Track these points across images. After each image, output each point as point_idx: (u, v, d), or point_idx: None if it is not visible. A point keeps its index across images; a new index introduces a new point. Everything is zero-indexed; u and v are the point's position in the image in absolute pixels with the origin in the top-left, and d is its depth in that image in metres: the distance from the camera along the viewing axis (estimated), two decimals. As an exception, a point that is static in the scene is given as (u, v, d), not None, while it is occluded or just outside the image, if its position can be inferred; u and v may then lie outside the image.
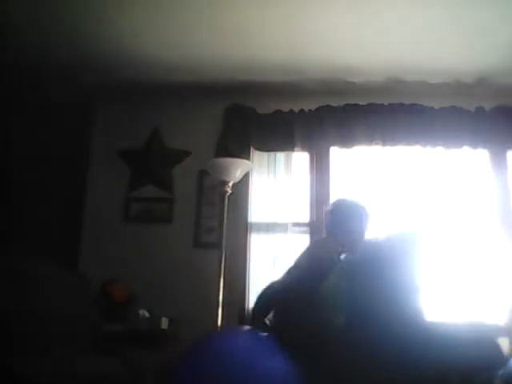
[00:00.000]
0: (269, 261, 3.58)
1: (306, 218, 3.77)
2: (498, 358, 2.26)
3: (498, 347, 2.28)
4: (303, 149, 3.83)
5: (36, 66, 3.63)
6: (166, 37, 3.30)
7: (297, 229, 3.71)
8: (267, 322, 2.51)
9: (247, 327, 2.69)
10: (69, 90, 3.95)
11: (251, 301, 3.51)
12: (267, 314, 2.53)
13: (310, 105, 3.84)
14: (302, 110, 3.83)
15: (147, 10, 3.02)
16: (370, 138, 3.73)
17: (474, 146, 3.72)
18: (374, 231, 3.37)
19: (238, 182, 3.53)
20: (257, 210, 3.70)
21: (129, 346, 2.73)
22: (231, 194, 3.47)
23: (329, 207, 2.91)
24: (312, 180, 3.84)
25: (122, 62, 3.58)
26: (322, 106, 3.84)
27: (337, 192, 3.79)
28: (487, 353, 2.23)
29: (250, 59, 3.54)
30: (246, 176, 3.62)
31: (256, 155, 3.80)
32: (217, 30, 3.21)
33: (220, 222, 3.46)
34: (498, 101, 3.77)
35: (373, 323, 2.33)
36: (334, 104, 3.83)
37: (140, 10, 3.03)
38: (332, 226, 2.78)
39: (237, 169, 3.42)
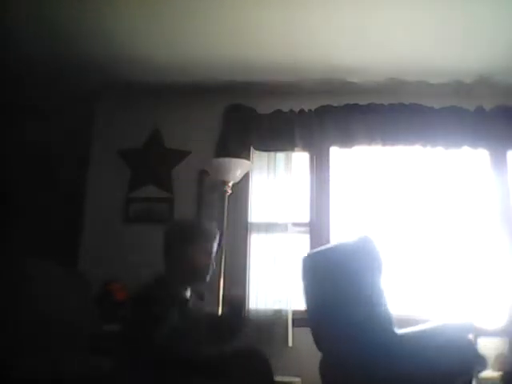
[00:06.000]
0: (269, 261, 3.57)
1: (306, 218, 3.77)
2: (474, 358, 2.25)
3: (473, 347, 2.27)
4: (303, 149, 3.83)
5: (36, 66, 3.63)
6: (165, 37, 3.30)
7: (297, 229, 3.70)
8: None
9: None
10: (69, 90, 3.95)
11: (251, 301, 3.52)
12: None
13: (310, 105, 3.84)
14: (302, 110, 3.83)
15: (147, 10, 3.02)
16: (370, 138, 3.73)
17: (474, 146, 3.72)
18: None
19: (238, 182, 3.54)
20: (257, 210, 3.70)
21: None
22: (231, 193, 3.48)
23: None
24: (312, 180, 3.83)
25: (122, 62, 3.58)
26: (322, 106, 3.84)
27: (337, 192, 3.80)
28: (463, 354, 2.21)
29: (250, 59, 3.54)
30: (246, 176, 3.62)
31: (256, 155, 3.80)
32: (217, 30, 3.21)
33: (220, 222, 3.45)
34: (498, 101, 3.77)
35: (338, 325, 2.33)
36: (334, 104, 3.83)
37: (140, 10, 3.02)
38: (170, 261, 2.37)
39: (237, 169, 3.42)
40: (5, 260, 2.42)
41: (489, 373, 3.10)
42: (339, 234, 3.70)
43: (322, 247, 3.03)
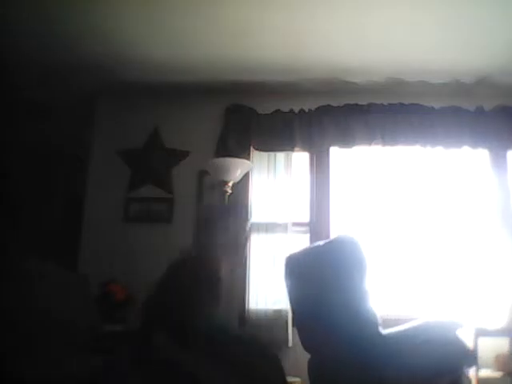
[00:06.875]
0: (269, 261, 3.57)
1: (306, 218, 3.77)
2: (461, 354, 2.24)
3: (460, 344, 2.26)
4: (303, 149, 3.83)
5: (36, 66, 3.63)
6: (165, 37, 3.30)
7: (297, 229, 3.71)
8: None
9: None
10: (69, 90, 3.95)
11: (251, 301, 3.52)
12: None
13: (310, 105, 3.84)
14: (302, 110, 3.83)
15: (147, 10, 3.02)
16: (369, 138, 3.73)
17: (474, 146, 3.72)
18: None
19: (238, 182, 3.53)
20: (257, 210, 3.70)
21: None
22: (231, 193, 3.47)
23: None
24: (312, 180, 3.84)
25: (122, 62, 3.58)
26: (322, 106, 3.84)
27: (337, 192, 3.80)
28: (450, 351, 2.20)
29: (250, 59, 3.54)
30: (246, 176, 3.62)
31: (256, 155, 3.80)
32: (217, 30, 3.21)
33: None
34: (498, 101, 3.78)
35: (323, 326, 2.32)
36: (334, 104, 3.84)
37: (140, 10, 3.02)
38: None
39: (237, 169, 3.42)
40: (5, 260, 2.41)
41: (489, 373, 3.11)
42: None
43: (305, 247, 3.02)
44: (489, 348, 3.21)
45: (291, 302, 2.64)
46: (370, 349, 2.18)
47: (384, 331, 2.28)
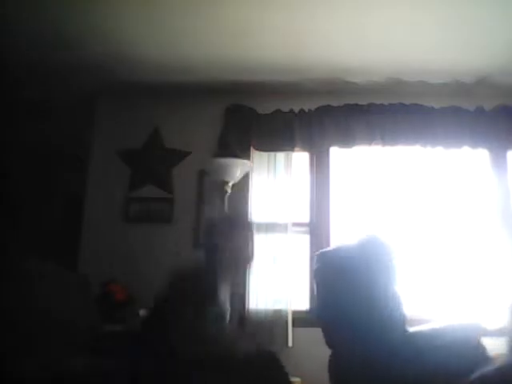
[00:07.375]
0: (269, 261, 3.57)
1: (306, 218, 3.77)
2: (482, 359, 2.26)
3: (481, 348, 2.28)
4: (303, 149, 3.83)
5: (36, 66, 3.63)
6: (165, 37, 3.30)
7: (297, 229, 3.71)
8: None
9: None
10: (69, 89, 3.95)
11: (251, 301, 3.52)
12: None
13: (310, 105, 3.84)
14: (302, 110, 3.84)
15: (147, 10, 3.02)
16: (369, 138, 3.73)
17: (474, 146, 3.72)
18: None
19: (238, 182, 3.54)
20: (257, 210, 3.70)
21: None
22: (231, 194, 3.48)
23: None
24: (312, 180, 3.84)
25: (122, 62, 3.58)
26: (322, 106, 3.84)
27: (337, 192, 3.81)
28: (471, 355, 2.22)
29: (251, 59, 3.54)
30: (246, 176, 3.62)
31: (256, 155, 3.80)
32: (217, 30, 3.21)
33: (220, 222, 3.45)
34: (498, 101, 3.78)
35: (351, 324, 2.34)
36: (334, 104, 3.84)
37: (140, 10, 3.02)
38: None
39: (237, 169, 3.42)
40: (5, 260, 2.41)
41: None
42: (339, 234, 3.71)
43: (337, 245, 3.03)
44: (489, 348, 3.20)
45: (319, 298, 2.63)
46: (394, 346, 2.20)
47: (410, 329, 2.31)
